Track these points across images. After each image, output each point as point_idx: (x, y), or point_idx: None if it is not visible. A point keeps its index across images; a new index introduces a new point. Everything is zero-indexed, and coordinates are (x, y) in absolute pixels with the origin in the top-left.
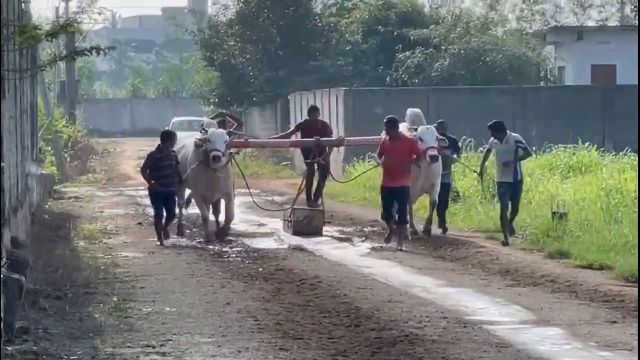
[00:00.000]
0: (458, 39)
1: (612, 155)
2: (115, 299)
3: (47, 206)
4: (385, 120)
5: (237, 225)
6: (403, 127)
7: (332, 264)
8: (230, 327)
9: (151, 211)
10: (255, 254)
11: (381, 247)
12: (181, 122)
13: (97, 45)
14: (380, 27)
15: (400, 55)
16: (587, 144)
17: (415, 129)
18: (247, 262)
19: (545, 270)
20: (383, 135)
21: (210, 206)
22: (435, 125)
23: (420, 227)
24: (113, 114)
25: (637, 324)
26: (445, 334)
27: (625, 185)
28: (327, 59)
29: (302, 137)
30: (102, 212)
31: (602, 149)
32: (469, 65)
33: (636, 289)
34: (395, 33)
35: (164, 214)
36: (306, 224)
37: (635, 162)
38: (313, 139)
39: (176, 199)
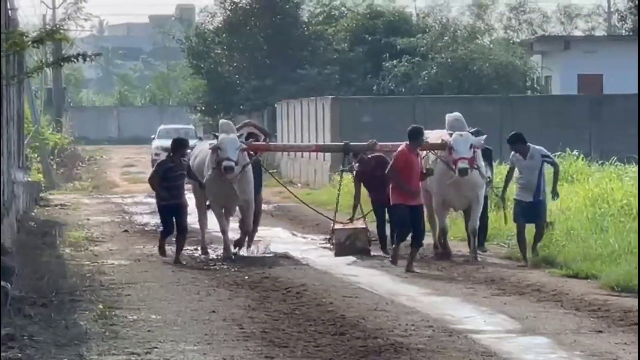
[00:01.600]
0: (445, 47)
1: (599, 165)
2: (101, 306)
3: (33, 213)
4: (410, 129)
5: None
6: (444, 135)
7: (318, 272)
8: (215, 335)
9: (138, 219)
10: (242, 262)
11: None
12: (168, 130)
13: (84, 52)
14: (367, 35)
15: (387, 64)
16: (573, 153)
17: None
18: (233, 270)
19: (530, 280)
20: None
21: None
22: (471, 133)
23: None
24: (100, 122)
25: (621, 334)
26: (431, 343)
27: (611, 194)
28: (314, 68)
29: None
30: (88, 219)
31: (588, 158)
32: (456, 74)
33: (622, 299)
34: (382, 41)
35: (173, 229)
36: (349, 245)
37: (621, 172)
38: (341, 143)
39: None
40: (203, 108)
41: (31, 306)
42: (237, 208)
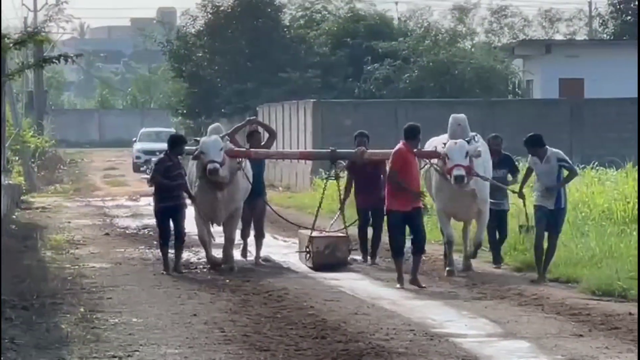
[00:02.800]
0: (426, 51)
1: (580, 169)
2: (82, 309)
3: (14, 216)
4: (406, 127)
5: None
6: (439, 144)
7: (300, 276)
8: (197, 338)
9: (119, 222)
10: (223, 265)
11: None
12: (149, 133)
13: (65, 53)
14: (348, 39)
15: (368, 67)
16: None
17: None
18: (214, 273)
19: (512, 284)
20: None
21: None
22: (489, 138)
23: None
24: (81, 125)
25: (602, 338)
26: (412, 347)
27: (592, 198)
28: (296, 71)
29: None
30: (69, 222)
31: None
32: (437, 78)
33: (603, 303)
34: (363, 45)
35: (170, 235)
36: (329, 255)
37: (602, 176)
38: (328, 150)
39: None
40: (185, 111)
41: (12, 309)
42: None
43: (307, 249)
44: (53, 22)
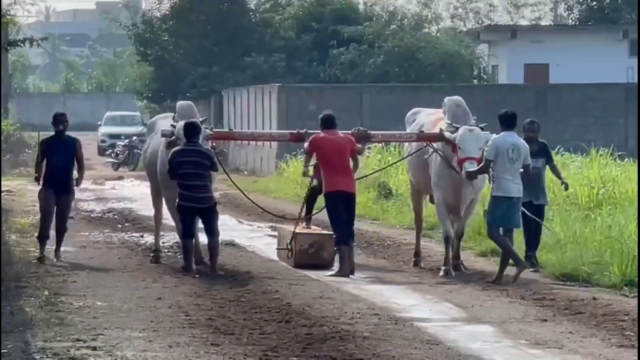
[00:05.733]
0: (392, 36)
1: None
2: (46, 292)
3: None
4: (322, 117)
5: (168, 220)
6: (441, 123)
7: (264, 260)
8: (161, 322)
9: (83, 205)
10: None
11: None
12: (114, 116)
13: (31, 37)
14: (314, 23)
15: (334, 52)
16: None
17: (457, 128)
18: (179, 257)
19: (476, 268)
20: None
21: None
22: (524, 124)
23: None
24: (46, 108)
25: (566, 323)
26: (376, 331)
27: (556, 183)
28: (261, 55)
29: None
30: (34, 206)
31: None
32: (402, 63)
33: (567, 288)
34: (329, 30)
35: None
36: (313, 254)
37: (567, 161)
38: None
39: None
40: (150, 95)
41: None
42: None
43: (289, 247)
44: (18, 5)
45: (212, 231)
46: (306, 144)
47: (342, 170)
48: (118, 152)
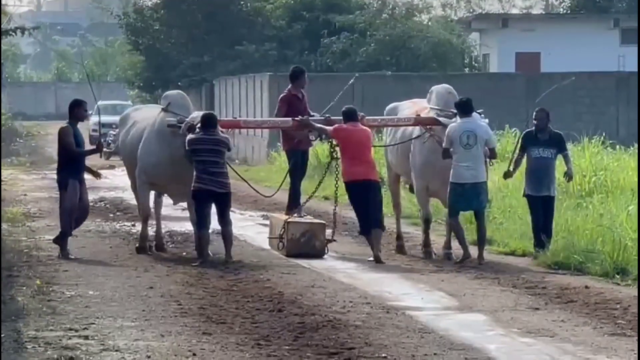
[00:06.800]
0: (383, 25)
1: None
2: (38, 282)
3: None
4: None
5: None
6: (430, 113)
7: (256, 249)
8: (153, 311)
9: None
10: (179, 238)
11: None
12: (105, 106)
13: (22, 26)
14: (305, 12)
15: (325, 41)
16: (513, 130)
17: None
18: (170, 246)
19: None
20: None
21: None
22: (535, 112)
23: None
24: (38, 98)
25: (558, 311)
26: (369, 320)
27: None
28: (252, 44)
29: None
30: (25, 195)
31: None
32: (394, 52)
33: (558, 276)
34: (320, 18)
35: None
36: (305, 243)
37: None
38: (322, 118)
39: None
40: (141, 84)
41: None
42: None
43: (281, 235)
44: None
45: (226, 220)
46: (330, 129)
47: (363, 160)
48: (109, 141)
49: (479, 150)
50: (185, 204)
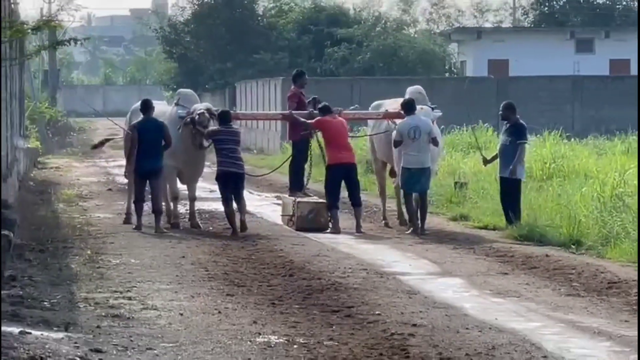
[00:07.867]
0: (377, 37)
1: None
2: (89, 252)
3: (32, 174)
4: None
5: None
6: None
7: (271, 224)
8: (185, 276)
9: (119, 179)
10: (207, 215)
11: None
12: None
13: (75, 37)
14: (312, 26)
15: (329, 50)
16: (485, 125)
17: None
18: (199, 222)
19: (448, 230)
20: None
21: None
22: (501, 106)
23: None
24: (88, 98)
25: (523, 276)
26: (365, 283)
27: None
28: (268, 53)
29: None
30: (78, 179)
31: (496, 130)
32: (386, 59)
33: (524, 246)
34: (324, 31)
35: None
36: (312, 219)
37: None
38: (307, 111)
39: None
40: (174, 87)
41: (30, 252)
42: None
43: (292, 213)
44: (64, 11)
45: (240, 197)
46: (312, 121)
47: (345, 145)
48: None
49: (424, 141)
50: (212, 187)
